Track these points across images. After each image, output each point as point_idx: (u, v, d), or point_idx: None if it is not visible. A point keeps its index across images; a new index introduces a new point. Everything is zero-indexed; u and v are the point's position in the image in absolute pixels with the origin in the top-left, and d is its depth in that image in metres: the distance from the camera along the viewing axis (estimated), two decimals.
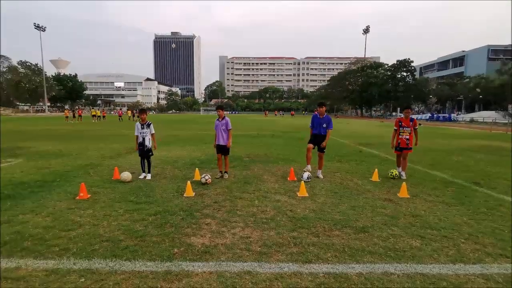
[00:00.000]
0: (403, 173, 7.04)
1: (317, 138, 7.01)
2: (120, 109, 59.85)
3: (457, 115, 56.43)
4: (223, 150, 6.76)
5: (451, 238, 3.69)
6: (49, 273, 2.82)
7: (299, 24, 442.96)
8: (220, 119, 6.77)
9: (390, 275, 2.85)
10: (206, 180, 6.16)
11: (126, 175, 6.34)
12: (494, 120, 42.32)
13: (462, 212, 4.68)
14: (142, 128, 6.75)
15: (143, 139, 6.69)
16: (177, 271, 2.88)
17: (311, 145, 7.01)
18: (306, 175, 6.49)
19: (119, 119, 39.44)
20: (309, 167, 6.92)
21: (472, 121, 46.43)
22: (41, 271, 2.86)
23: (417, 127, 7.11)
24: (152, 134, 6.76)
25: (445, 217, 4.44)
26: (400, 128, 7.09)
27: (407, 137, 6.99)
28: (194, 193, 5.51)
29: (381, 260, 3.15)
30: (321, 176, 6.93)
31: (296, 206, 4.89)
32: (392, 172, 6.88)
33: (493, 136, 20.09)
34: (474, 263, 3.11)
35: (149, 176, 6.69)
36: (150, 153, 6.77)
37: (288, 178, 6.76)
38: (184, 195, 5.37)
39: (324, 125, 6.93)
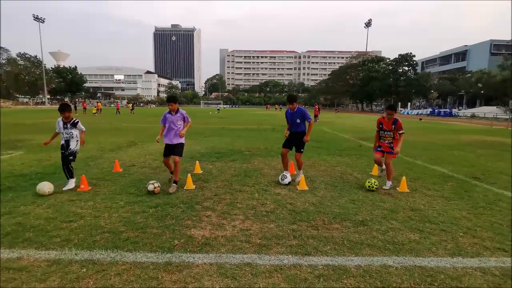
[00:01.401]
0: (389, 183, 5.63)
1: (293, 137, 5.93)
2: (118, 102, 58.92)
3: (458, 110, 56.28)
4: (173, 150, 5.33)
5: (449, 232, 3.71)
6: (51, 264, 2.85)
7: (300, 17, 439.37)
8: (173, 113, 5.36)
9: (389, 267, 2.88)
10: (154, 188, 5.00)
11: (48, 187, 4.90)
12: (495, 116, 42.21)
13: (461, 206, 4.70)
14: (66, 128, 5.25)
15: (66, 141, 5.26)
16: (177, 262, 2.91)
17: (285, 150, 5.93)
18: (284, 178, 5.76)
19: (116, 112, 38.95)
20: (287, 174, 5.89)
21: (473, 116, 46.32)
22: (43, 262, 2.89)
23: (402, 132, 5.56)
24: (82, 131, 5.49)
25: (444, 211, 4.46)
26: (381, 132, 5.75)
27: (390, 141, 5.65)
28: (194, 186, 5.52)
29: (380, 253, 3.17)
30: (299, 178, 5.73)
31: (296, 199, 4.91)
32: (371, 183, 5.41)
33: (494, 132, 20.07)
34: (472, 256, 3.13)
35: (71, 184, 5.27)
36: (71, 158, 5.28)
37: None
38: (185, 188, 5.39)
39: (298, 120, 5.79)
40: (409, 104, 72.92)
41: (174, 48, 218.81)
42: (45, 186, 4.87)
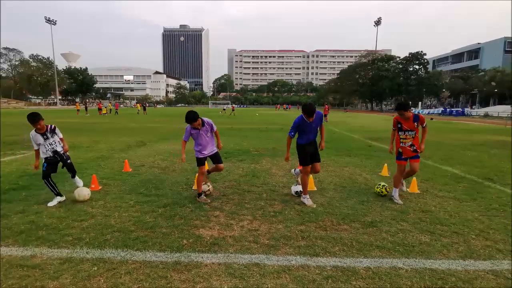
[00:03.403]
0: (404, 187, 5.04)
1: (310, 148, 4.76)
2: (116, 102, 57.77)
3: (471, 109, 55.10)
4: (214, 158, 4.98)
5: (461, 234, 3.65)
6: (63, 262, 2.91)
7: (308, 16, 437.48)
8: (200, 127, 4.71)
9: (398, 269, 2.84)
10: (209, 188, 4.99)
11: (86, 192, 4.75)
12: (509, 115, 41.17)
13: (473, 208, 4.60)
14: (46, 139, 4.46)
15: (54, 151, 4.56)
16: (186, 262, 2.93)
17: (309, 168, 4.77)
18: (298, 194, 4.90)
19: (115, 112, 39.09)
20: (307, 197, 4.76)
21: (486, 115, 45.29)
22: (56, 260, 2.95)
23: (425, 125, 4.86)
24: (61, 139, 4.70)
25: (456, 213, 4.38)
26: (400, 133, 4.92)
27: (411, 143, 4.84)
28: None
29: (390, 255, 3.14)
30: (310, 202, 4.66)
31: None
32: (381, 188, 5.06)
33: (508, 131, 19.58)
34: (484, 259, 3.07)
35: (80, 183, 4.93)
36: (69, 161, 4.80)
37: None
38: (193, 188, 5.41)
39: (318, 128, 4.78)
40: (420, 103, 71.73)
41: (182, 48, 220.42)
42: (84, 191, 4.71)
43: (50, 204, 4.46)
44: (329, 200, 4.89)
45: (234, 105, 54.82)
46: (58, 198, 4.59)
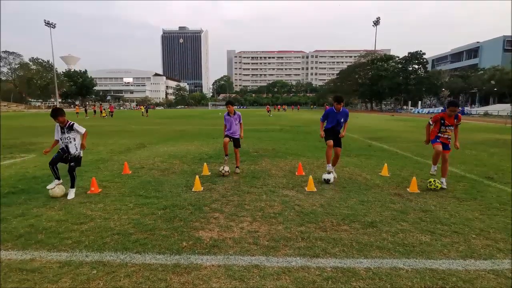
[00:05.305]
0: (443, 180, 5.68)
1: (334, 133, 6.27)
2: (111, 105, 55.97)
3: (471, 108, 55.13)
4: (234, 142, 6.96)
5: (461, 234, 3.64)
6: (62, 265, 2.90)
7: (307, 16, 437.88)
8: (231, 115, 6.82)
9: (399, 270, 2.83)
10: (224, 172, 6.47)
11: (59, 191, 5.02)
12: (509, 113, 41.18)
13: (473, 207, 4.60)
14: (63, 133, 5.00)
15: (66, 146, 5.04)
16: (186, 264, 2.92)
17: (331, 142, 6.15)
18: (331, 176, 6.04)
19: (110, 115, 38.95)
20: (331, 166, 6.20)
21: (486, 114, 45.31)
22: (55, 263, 2.94)
23: (460, 123, 5.74)
24: (82, 135, 5.16)
25: (456, 212, 4.37)
26: (442, 127, 5.71)
27: (449, 136, 5.75)
28: (202, 187, 5.55)
29: (390, 255, 3.13)
30: (335, 174, 6.28)
31: (304, 200, 4.88)
32: (431, 183, 5.51)
33: (508, 130, 19.57)
34: (485, 258, 3.06)
35: (72, 194, 5.00)
36: (73, 164, 5.07)
37: (296, 173, 6.74)
38: (193, 190, 5.41)
39: (342, 120, 6.23)
40: (419, 102, 71.81)
41: (182, 50, 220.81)
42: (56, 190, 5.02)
43: (48, 187, 4.89)
44: (329, 200, 4.89)
45: (268, 106, 54.56)
46: (56, 181, 5.00)
